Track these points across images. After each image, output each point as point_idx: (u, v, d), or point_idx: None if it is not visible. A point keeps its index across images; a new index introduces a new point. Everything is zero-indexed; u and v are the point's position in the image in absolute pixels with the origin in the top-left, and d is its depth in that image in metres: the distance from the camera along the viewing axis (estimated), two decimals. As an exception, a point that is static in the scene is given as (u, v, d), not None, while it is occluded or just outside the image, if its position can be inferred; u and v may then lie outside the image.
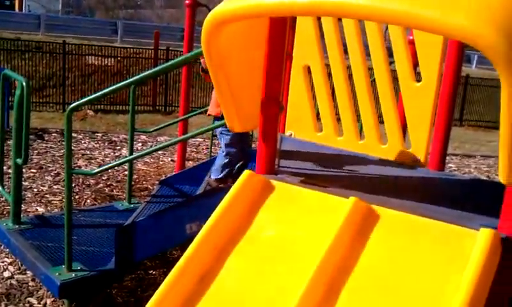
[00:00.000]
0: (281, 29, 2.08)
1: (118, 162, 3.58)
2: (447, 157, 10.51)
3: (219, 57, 1.83)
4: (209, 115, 2.71)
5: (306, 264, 1.84)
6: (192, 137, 3.75)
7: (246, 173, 2.16)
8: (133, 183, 6.20)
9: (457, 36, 1.46)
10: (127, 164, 4.21)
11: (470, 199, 2.53)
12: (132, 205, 4.28)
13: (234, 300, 1.87)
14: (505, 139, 1.54)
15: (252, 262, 1.97)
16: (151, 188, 5.84)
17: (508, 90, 1.43)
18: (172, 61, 3.29)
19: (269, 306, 1.81)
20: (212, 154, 5.24)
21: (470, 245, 1.80)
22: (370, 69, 3.14)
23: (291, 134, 3.44)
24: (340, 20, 3.15)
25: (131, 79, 3.27)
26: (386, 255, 1.89)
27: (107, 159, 7.47)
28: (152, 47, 13.46)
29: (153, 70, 3.59)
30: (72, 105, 3.27)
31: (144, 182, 6.43)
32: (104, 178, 6.45)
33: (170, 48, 13.24)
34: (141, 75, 3.46)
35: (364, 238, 1.95)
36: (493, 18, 1.41)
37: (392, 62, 3.14)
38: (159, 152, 7.68)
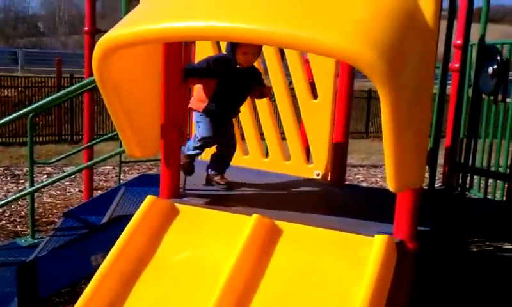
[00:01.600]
0: (176, 54, 2.11)
1: (15, 196, 3.42)
2: (355, 168, 10.88)
3: (113, 83, 1.81)
4: (190, 108, 2.67)
5: (214, 283, 1.85)
6: (96, 164, 3.66)
7: (148, 198, 2.15)
8: (39, 217, 5.92)
9: (336, 56, 1.56)
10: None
11: (369, 208, 2.65)
12: (36, 240, 4.09)
13: (142, 328, 1.84)
14: (388, 151, 1.65)
15: (160, 287, 1.96)
16: (58, 221, 5.60)
17: (386, 105, 1.54)
18: (69, 88, 3.22)
19: (179, 330, 1.81)
20: (121, 181, 5.13)
21: (367, 252, 1.89)
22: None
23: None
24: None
25: (27, 109, 3.15)
26: (291, 267, 1.95)
27: (10, 194, 7.07)
28: (55, 75, 13.00)
29: (50, 98, 3.48)
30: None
31: (50, 215, 6.15)
32: (6, 214, 6.10)
33: (74, 76, 12.84)
34: (37, 103, 3.35)
35: (268, 252, 1.99)
36: (367, 37, 1.51)
37: (291, 82, 3.25)
38: (66, 183, 7.41)
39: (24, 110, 3.15)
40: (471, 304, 4.23)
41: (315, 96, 3.11)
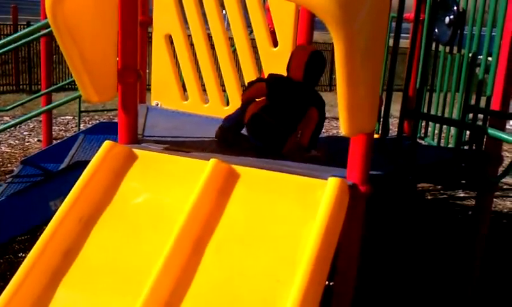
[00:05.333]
0: (132, -3, 2.08)
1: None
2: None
3: (67, 25, 1.78)
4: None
5: (172, 226, 1.89)
6: (54, 108, 3.57)
7: (106, 143, 2.14)
8: (-4, 166, 5.84)
9: (292, -1, 1.57)
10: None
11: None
12: (-7, 189, 4.05)
13: (101, 271, 1.87)
14: (342, 96, 1.69)
15: (118, 231, 1.98)
16: (16, 169, 5.53)
17: (339, 49, 1.56)
18: (24, 30, 3.11)
19: (137, 272, 1.84)
20: (81, 130, 5.06)
21: (321, 194, 1.95)
22: (231, 38, 3.22)
23: (158, 104, 3.45)
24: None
25: (-19, 54, 3.05)
26: (248, 210, 2.00)
27: (-35, 144, 6.92)
28: (11, 23, 12.51)
29: (5, 39, 3.35)
30: None
31: (9, 165, 6.06)
32: (-38, 164, 5.99)
33: (32, 23, 12.39)
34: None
35: (226, 196, 2.04)
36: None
37: (251, 31, 3.24)
38: (24, 133, 7.28)
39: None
40: (417, 246, 4.44)
41: (275, 44, 3.12)
